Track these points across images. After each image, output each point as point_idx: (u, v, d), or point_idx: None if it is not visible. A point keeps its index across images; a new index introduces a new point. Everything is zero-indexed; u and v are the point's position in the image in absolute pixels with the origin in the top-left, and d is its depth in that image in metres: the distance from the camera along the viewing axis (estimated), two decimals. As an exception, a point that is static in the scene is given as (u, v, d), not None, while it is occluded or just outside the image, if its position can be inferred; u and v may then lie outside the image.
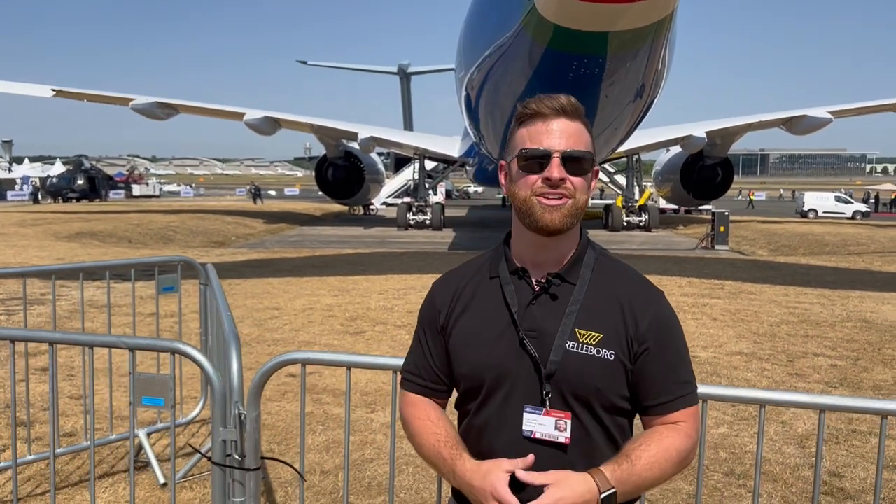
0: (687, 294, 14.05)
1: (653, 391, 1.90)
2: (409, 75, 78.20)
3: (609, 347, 1.86)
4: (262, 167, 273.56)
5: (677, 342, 1.94)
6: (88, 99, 38.41)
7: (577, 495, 1.71)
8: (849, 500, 5.07)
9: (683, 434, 1.89)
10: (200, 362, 2.90)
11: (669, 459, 1.85)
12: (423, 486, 5.19)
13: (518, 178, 1.92)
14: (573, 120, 1.90)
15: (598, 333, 1.86)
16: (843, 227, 35.85)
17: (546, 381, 1.86)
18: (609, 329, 1.87)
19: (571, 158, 1.87)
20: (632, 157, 38.71)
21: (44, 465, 5.35)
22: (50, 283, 5.53)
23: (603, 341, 1.86)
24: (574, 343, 1.86)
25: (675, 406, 1.90)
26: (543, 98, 1.91)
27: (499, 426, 1.92)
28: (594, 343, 1.86)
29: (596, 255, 1.99)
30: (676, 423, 1.90)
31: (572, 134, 1.89)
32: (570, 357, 1.85)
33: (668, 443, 1.86)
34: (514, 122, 1.99)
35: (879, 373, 8.41)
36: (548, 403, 1.86)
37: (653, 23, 14.31)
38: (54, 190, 59.49)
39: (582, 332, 1.86)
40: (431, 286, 2.15)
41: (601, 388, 1.87)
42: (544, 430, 1.85)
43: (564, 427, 1.85)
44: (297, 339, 9.76)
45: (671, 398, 1.90)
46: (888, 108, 34.79)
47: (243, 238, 32.24)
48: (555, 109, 1.89)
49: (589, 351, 1.85)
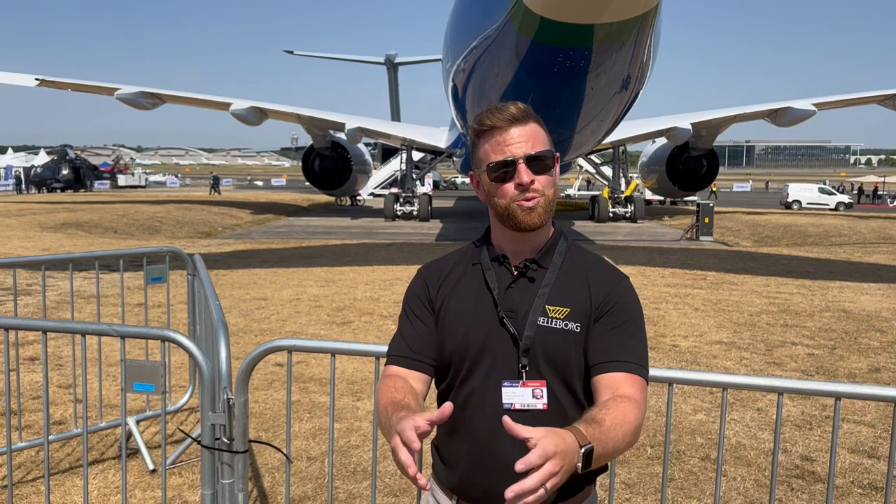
0: (670, 284, 14.25)
1: (597, 351, 2.00)
2: (397, 65, 77.96)
3: (575, 321, 2.02)
4: (248, 157, 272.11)
5: (629, 316, 2.05)
6: (73, 88, 38.07)
7: (566, 443, 1.70)
8: (819, 483, 5.24)
9: (634, 404, 1.93)
10: (190, 349, 3.00)
11: (625, 424, 1.87)
12: (408, 471, 5.32)
13: (493, 189, 2.08)
14: (525, 124, 2.04)
15: (566, 308, 2.03)
16: (826, 218, 36.21)
17: (523, 354, 2.01)
18: (575, 304, 2.04)
19: (534, 160, 2.03)
20: (618, 148, 38.86)
21: (34, 453, 5.44)
22: (35, 273, 5.61)
23: (570, 315, 2.03)
24: (545, 318, 2.02)
25: (617, 367, 1.97)
26: (494, 111, 2.05)
27: (481, 400, 2.04)
28: (562, 317, 2.02)
29: (567, 244, 2.17)
30: (627, 397, 1.93)
31: (529, 137, 2.03)
32: (542, 330, 2.01)
33: (625, 408, 1.90)
34: (472, 136, 2.13)
35: (855, 361, 8.62)
36: (524, 375, 2.00)
37: (638, 15, 14.41)
38: (38, 180, 59.00)
39: (551, 308, 2.03)
40: (418, 271, 2.29)
41: (570, 360, 2.02)
42: (523, 401, 1.99)
43: (541, 395, 1.99)
44: (284, 329, 9.85)
45: (615, 360, 1.98)
46: (871, 100, 35.04)
47: (230, 229, 32.18)
48: (507, 120, 2.03)
49: (558, 324, 2.02)
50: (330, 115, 38.42)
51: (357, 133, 36.81)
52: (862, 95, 35.50)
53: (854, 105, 37.04)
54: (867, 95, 35.21)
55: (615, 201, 37.13)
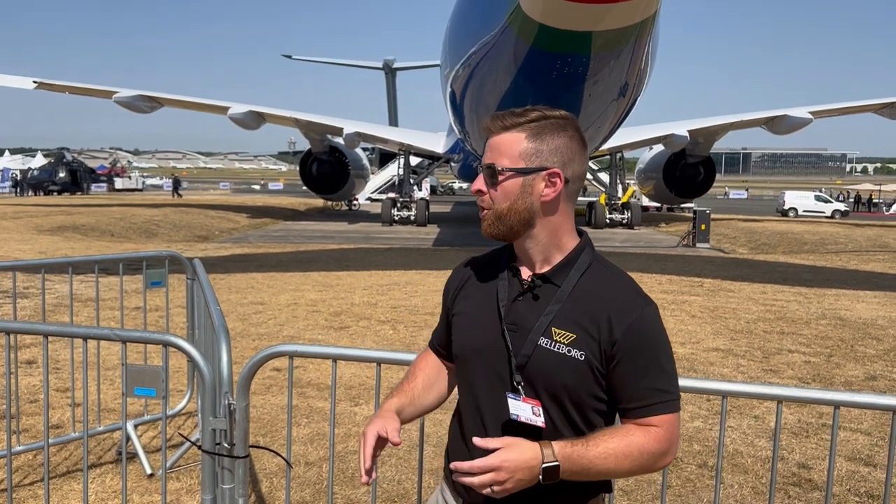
0: (667, 291, 14.27)
1: (625, 395, 1.97)
2: (395, 71, 77.99)
3: (580, 348, 1.95)
4: (245, 161, 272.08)
5: (654, 351, 1.97)
6: (71, 91, 38.04)
7: (522, 459, 1.84)
8: (816, 491, 5.25)
9: (652, 436, 1.94)
10: (191, 353, 3.01)
11: (629, 455, 1.91)
12: (405, 476, 5.33)
13: None
14: (497, 134, 2.06)
15: (572, 334, 1.96)
16: (822, 225, 36.31)
17: (516, 371, 2.00)
18: (583, 331, 1.96)
19: (486, 170, 2.06)
20: (615, 154, 38.94)
21: (31, 457, 5.43)
22: (32, 276, 5.62)
23: (575, 342, 1.96)
24: (548, 340, 1.97)
25: (647, 412, 1.95)
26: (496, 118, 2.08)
27: (476, 409, 2.08)
28: (566, 342, 1.96)
29: (591, 259, 2.07)
30: (648, 427, 1.95)
31: (492, 148, 2.06)
32: (541, 352, 1.98)
33: (633, 440, 1.93)
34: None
35: (851, 369, 8.64)
36: (521, 391, 1.99)
37: (636, 22, 14.48)
38: (35, 183, 58.92)
39: (557, 331, 1.97)
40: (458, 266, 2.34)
41: (568, 386, 1.97)
42: (525, 415, 1.99)
43: (539, 413, 1.98)
44: (282, 333, 9.85)
45: (643, 404, 1.95)
46: (868, 108, 35.20)
47: (227, 232, 32.16)
48: (486, 129, 2.08)
49: (560, 349, 1.96)
50: (328, 120, 38.46)
51: (355, 138, 36.85)
52: (858, 104, 35.68)
53: (850, 113, 37.23)
54: (863, 104, 35.38)
55: (612, 207, 37.19)
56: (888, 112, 33.46)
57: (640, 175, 43.73)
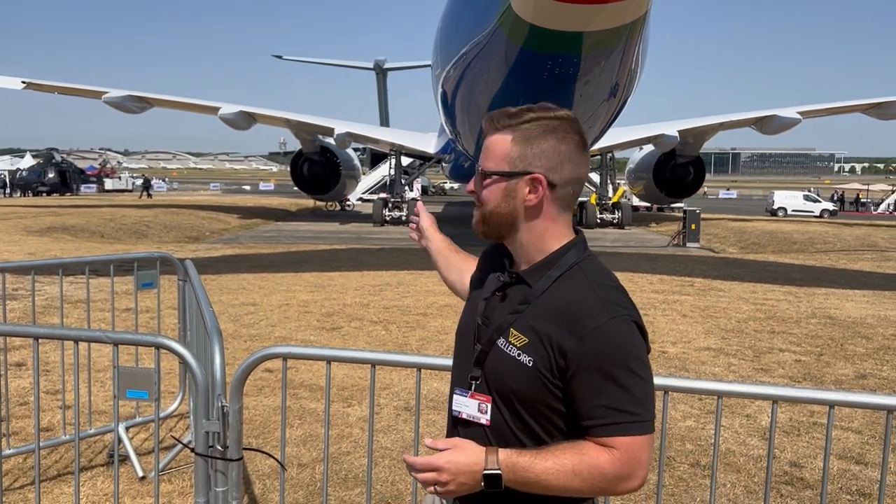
0: (658, 291, 14.31)
1: (581, 412, 1.85)
2: (386, 71, 77.95)
3: (529, 354, 1.87)
4: (236, 162, 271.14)
5: (612, 368, 1.82)
6: (60, 92, 37.79)
7: (465, 462, 1.84)
8: (808, 490, 5.28)
9: (608, 458, 1.81)
10: (184, 356, 2.99)
11: (579, 474, 1.80)
12: (399, 477, 5.32)
13: None
14: (489, 135, 2.04)
15: (525, 338, 1.89)
16: (811, 225, 36.51)
17: (474, 365, 2.00)
18: (537, 337, 1.87)
19: (478, 172, 2.06)
20: (605, 155, 39.05)
21: (21, 460, 5.39)
22: (21, 278, 5.57)
23: (526, 346, 1.88)
24: (504, 341, 1.93)
25: (603, 432, 1.81)
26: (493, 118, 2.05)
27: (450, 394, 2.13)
28: (519, 345, 1.89)
29: (574, 262, 1.96)
30: (608, 448, 1.82)
31: (484, 149, 2.06)
32: (496, 353, 1.95)
33: (585, 459, 1.81)
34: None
35: (841, 368, 8.69)
36: (473, 386, 1.99)
37: (627, 23, 14.54)
38: (24, 184, 58.54)
39: (514, 332, 1.91)
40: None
41: (516, 390, 1.90)
42: (469, 412, 1.99)
43: (485, 409, 1.96)
44: (274, 334, 9.82)
45: (599, 423, 1.82)
46: (856, 108, 35.40)
47: (218, 233, 32.03)
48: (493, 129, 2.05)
49: (512, 352, 1.90)
50: (319, 120, 38.38)
51: (346, 138, 36.79)
52: (846, 104, 35.90)
53: (838, 113, 37.43)
54: (851, 104, 35.60)
55: (603, 207, 37.27)
56: (876, 112, 33.67)
57: (630, 175, 43.86)
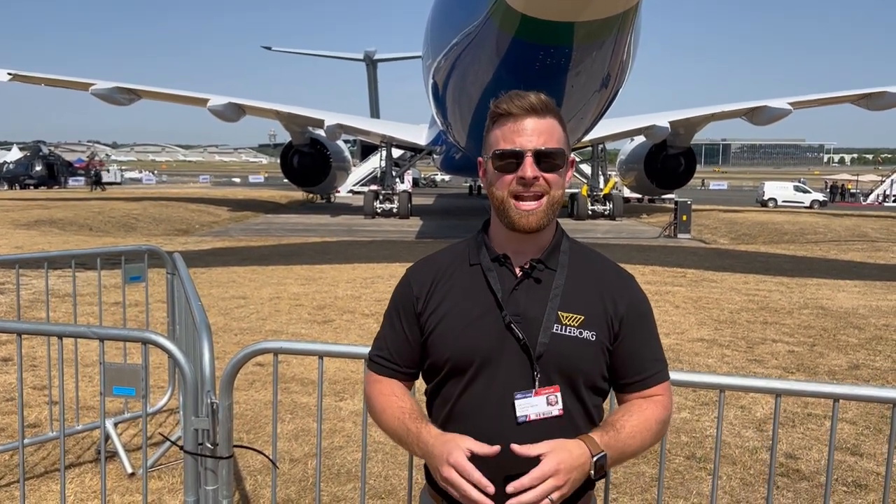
0: (650, 282, 14.29)
1: (632, 369, 2.01)
2: (376, 62, 77.62)
3: (590, 329, 1.95)
4: (225, 154, 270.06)
5: (650, 322, 2.07)
6: (47, 83, 37.43)
7: (574, 458, 1.80)
8: (804, 481, 5.25)
9: (661, 405, 2.02)
10: (172, 351, 2.91)
11: (650, 429, 1.97)
12: (393, 472, 5.26)
13: (495, 178, 1.99)
14: (543, 117, 1.95)
15: (580, 315, 1.95)
16: (802, 216, 36.61)
17: (536, 361, 1.91)
18: (589, 311, 1.97)
19: (543, 155, 1.93)
20: (597, 146, 39.02)
21: (7, 457, 5.29)
22: (8, 272, 5.47)
23: (584, 323, 1.95)
24: (559, 326, 1.93)
25: (651, 382, 2.03)
26: (514, 97, 1.96)
27: (486, 411, 1.94)
28: (577, 325, 1.94)
29: (570, 242, 2.09)
30: (653, 397, 2.02)
31: (543, 131, 1.94)
32: (557, 339, 1.92)
33: (649, 413, 1.98)
34: (488, 120, 2.04)
35: (834, 358, 8.68)
36: (536, 384, 1.91)
37: (618, 13, 14.45)
38: (11, 177, 58.04)
39: (565, 315, 1.94)
40: (406, 272, 2.15)
41: (584, 369, 1.96)
42: (538, 411, 1.90)
43: (556, 401, 1.92)
44: (265, 328, 9.73)
45: (648, 374, 2.02)
46: (846, 99, 35.48)
47: (207, 226, 31.83)
48: (524, 109, 1.94)
49: (572, 332, 1.93)
50: (309, 112, 38.16)
51: (336, 130, 36.61)
52: (837, 95, 35.94)
53: (829, 104, 37.49)
54: (842, 95, 35.65)
55: (594, 199, 37.26)
56: (865, 103, 33.74)
57: (621, 166, 43.88)
